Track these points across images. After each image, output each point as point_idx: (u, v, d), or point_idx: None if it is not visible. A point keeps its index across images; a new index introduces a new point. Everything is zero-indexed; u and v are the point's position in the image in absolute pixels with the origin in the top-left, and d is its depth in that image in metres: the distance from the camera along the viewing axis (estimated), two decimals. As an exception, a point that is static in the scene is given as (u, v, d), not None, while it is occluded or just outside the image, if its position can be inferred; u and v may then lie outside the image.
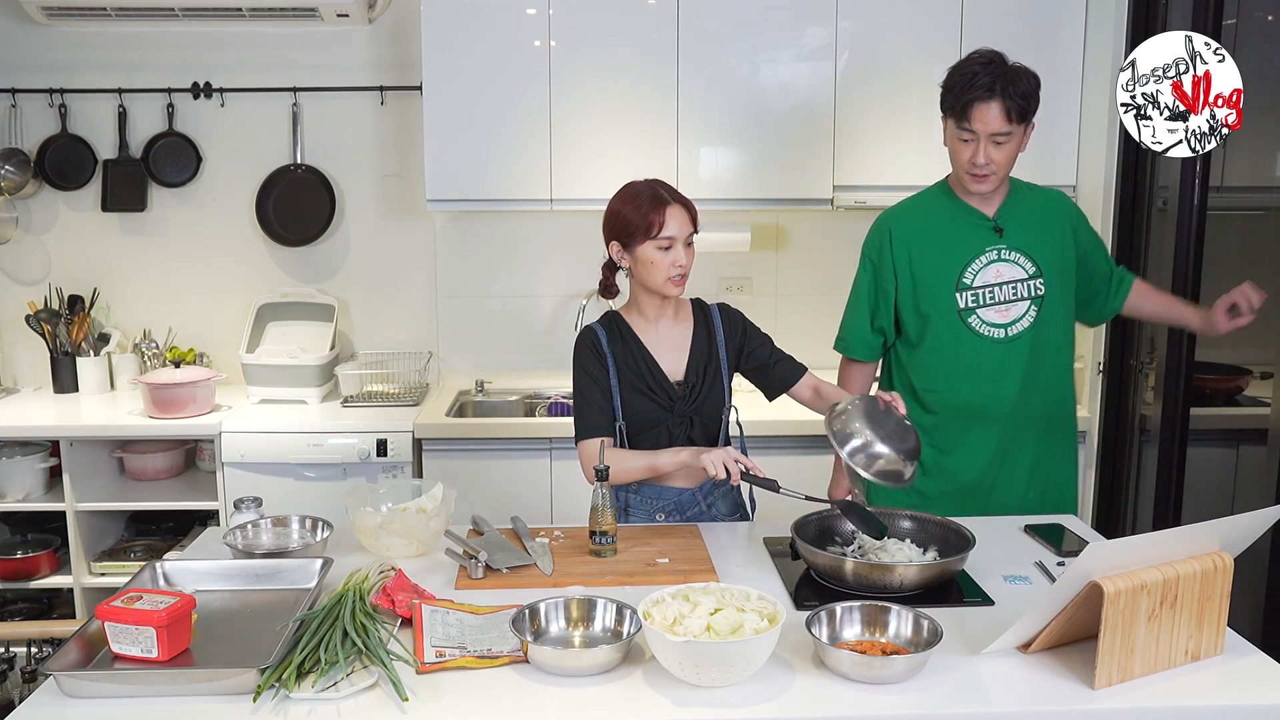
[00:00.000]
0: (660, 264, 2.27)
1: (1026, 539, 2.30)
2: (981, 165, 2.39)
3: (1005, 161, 2.40)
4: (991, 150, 2.38)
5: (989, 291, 2.48)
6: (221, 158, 3.86)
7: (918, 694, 1.62)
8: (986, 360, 2.51)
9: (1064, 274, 2.52)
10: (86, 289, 3.85)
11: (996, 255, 2.48)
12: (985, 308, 2.49)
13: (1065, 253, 2.53)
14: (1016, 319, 2.49)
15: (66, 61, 3.77)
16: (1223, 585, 1.72)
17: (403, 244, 3.93)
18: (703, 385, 2.38)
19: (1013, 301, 2.48)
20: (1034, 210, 2.53)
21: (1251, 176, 3.44)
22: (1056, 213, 2.55)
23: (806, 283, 3.96)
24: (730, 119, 3.53)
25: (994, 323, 2.50)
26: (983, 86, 2.33)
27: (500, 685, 1.65)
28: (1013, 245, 2.48)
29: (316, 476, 3.40)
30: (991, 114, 2.34)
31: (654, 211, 2.26)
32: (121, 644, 1.67)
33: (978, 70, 2.35)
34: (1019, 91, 2.34)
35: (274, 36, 3.78)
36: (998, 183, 2.44)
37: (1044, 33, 3.48)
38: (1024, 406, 2.53)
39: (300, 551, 2.13)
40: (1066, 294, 2.54)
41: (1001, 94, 2.33)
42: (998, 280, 2.48)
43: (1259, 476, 2.87)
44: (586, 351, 2.38)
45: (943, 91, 2.43)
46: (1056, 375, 2.57)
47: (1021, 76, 2.36)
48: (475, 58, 3.46)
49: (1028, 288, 2.48)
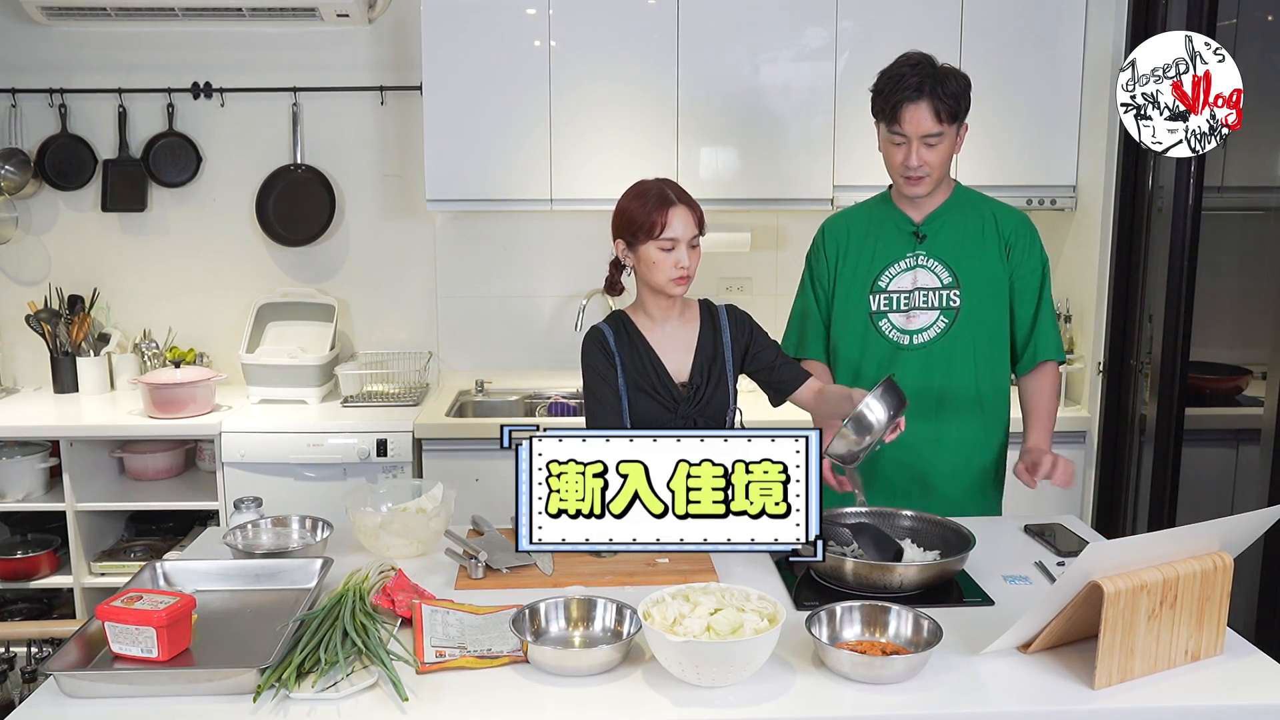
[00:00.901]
0: (662, 264, 2.27)
1: (1026, 539, 2.30)
2: (914, 168, 2.37)
3: (938, 163, 2.37)
4: (924, 152, 2.35)
5: (901, 297, 2.47)
6: (221, 158, 3.86)
7: (918, 694, 1.62)
8: (888, 365, 2.47)
9: (990, 290, 2.45)
10: (86, 289, 3.85)
11: (915, 261, 2.46)
12: (895, 313, 2.48)
13: (993, 270, 2.46)
14: (923, 328, 2.46)
15: (66, 61, 3.77)
16: (1223, 585, 1.72)
17: (403, 244, 3.93)
18: (707, 387, 2.38)
19: (921, 310, 2.46)
20: (969, 220, 2.47)
21: (1251, 177, 3.44)
22: (995, 229, 2.47)
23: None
24: (730, 119, 3.53)
25: (899, 328, 2.48)
26: (911, 87, 2.31)
27: (500, 685, 1.65)
28: (932, 253, 2.45)
29: (316, 476, 3.40)
30: (920, 115, 2.32)
31: (657, 211, 2.25)
32: (121, 644, 1.67)
33: (905, 72, 2.34)
34: (947, 92, 2.32)
35: (274, 36, 3.78)
36: (933, 185, 2.41)
37: (1044, 33, 3.48)
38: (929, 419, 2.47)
39: (300, 551, 2.13)
40: (992, 310, 2.46)
41: (930, 94, 2.31)
42: (912, 287, 2.46)
43: (1258, 476, 2.87)
44: (595, 351, 2.37)
45: (872, 95, 2.41)
46: (967, 393, 2.48)
47: (950, 77, 2.34)
48: (475, 58, 3.46)
49: (940, 297, 2.45)
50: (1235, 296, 3.59)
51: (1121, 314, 3.33)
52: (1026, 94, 3.51)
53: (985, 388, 2.50)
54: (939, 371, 2.47)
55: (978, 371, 2.48)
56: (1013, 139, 3.55)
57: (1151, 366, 3.15)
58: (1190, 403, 3.14)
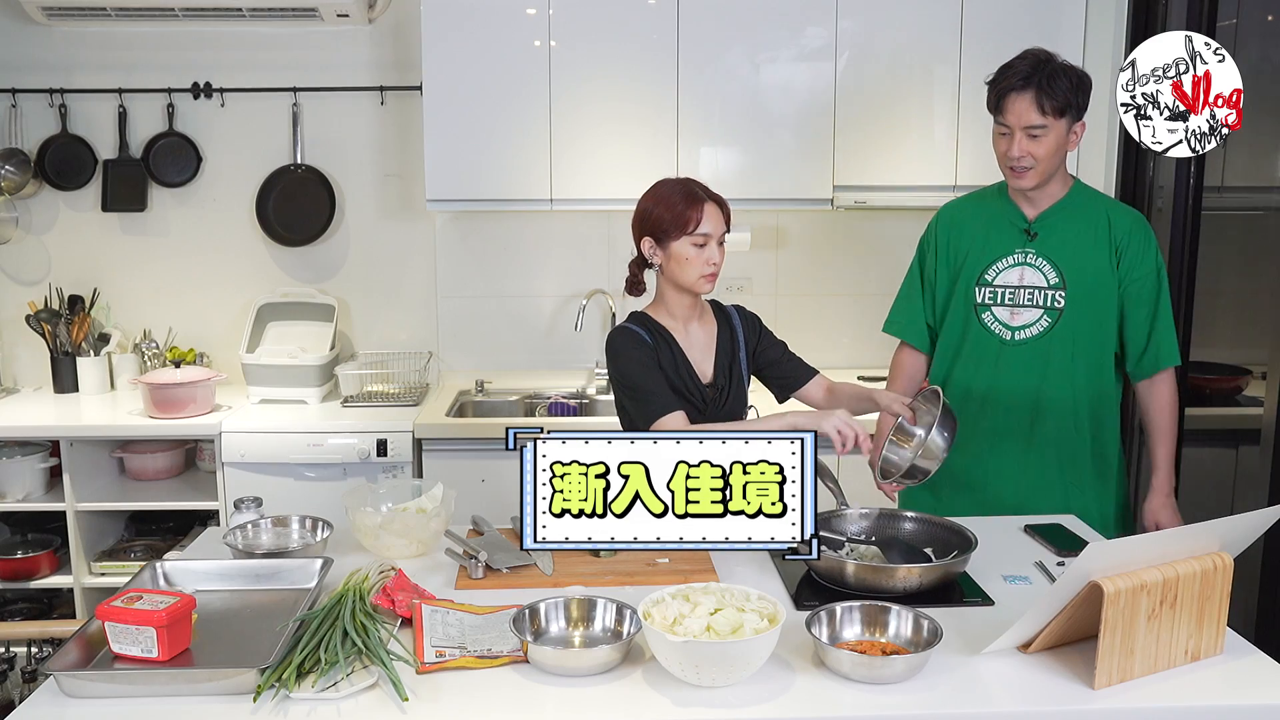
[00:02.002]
0: (695, 261, 2.27)
1: (1026, 539, 2.30)
2: (1016, 158, 2.36)
3: (1044, 156, 2.35)
4: (1026, 143, 2.34)
5: (1007, 292, 2.48)
6: (221, 158, 3.86)
7: (918, 694, 1.62)
8: (987, 358, 2.51)
9: (1097, 295, 2.44)
10: (86, 289, 3.85)
11: (1024, 259, 2.47)
12: (999, 306, 2.49)
13: (1101, 273, 2.44)
14: (1026, 324, 2.47)
15: (66, 61, 3.77)
16: (1223, 585, 1.72)
17: (403, 244, 3.93)
18: (730, 386, 2.40)
19: (1026, 307, 2.46)
20: (1082, 221, 2.45)
21: (1251, 177, 3.44)
22: (1109, 232, 2.44)
23: (806, 283, 3.96)
24: (730, 119, 3.53)
25: (1004, 323, 2.49)
26: (1018, 76, 2.33)
27: (500, 685, 1.65)
28: (1041, 252, 2.45)
29: (316, 476, 3.40)
30: (1024, 105, 2.32)
31: (691, 208, 2.26)
32: (121, 644, 1.67)
33: (1015, 64, 2.36)
34: (1056, 85, 2.31)
35: (274, 36, 3.78)
36: (1038, 178, 2.39)
37: (1044, 33, 3.47)
38: (1023, 416, 2.51)
39: (300, 551, 2.13)
40: (1097, 315, 2.45)
41: (1035, 86, 2.31)
42: (1019, 284, 2.47)
43: (1258, 476, 2.87)
44: (631, 344, 2.31)
45: (987, 89, 2.42)
46: (1068, 396, 2.48)
47: (1062, 73, 2.33)
48: (475, 57, 3.46)
49: (1045, 297, 2.45)
50: (1235, 296, 3.58)
51: (1122, 314, 3.32)
52: (1026, 94, 3.51)
53: (1082, 391, 2.49)
54: (1037, 371, 2.48)
55: (1074, 374, 2.48)
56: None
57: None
58: (1190, 403, 3.13)
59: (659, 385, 2.29)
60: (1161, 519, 2.52)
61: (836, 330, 3.93)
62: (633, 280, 2.43)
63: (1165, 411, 2.51)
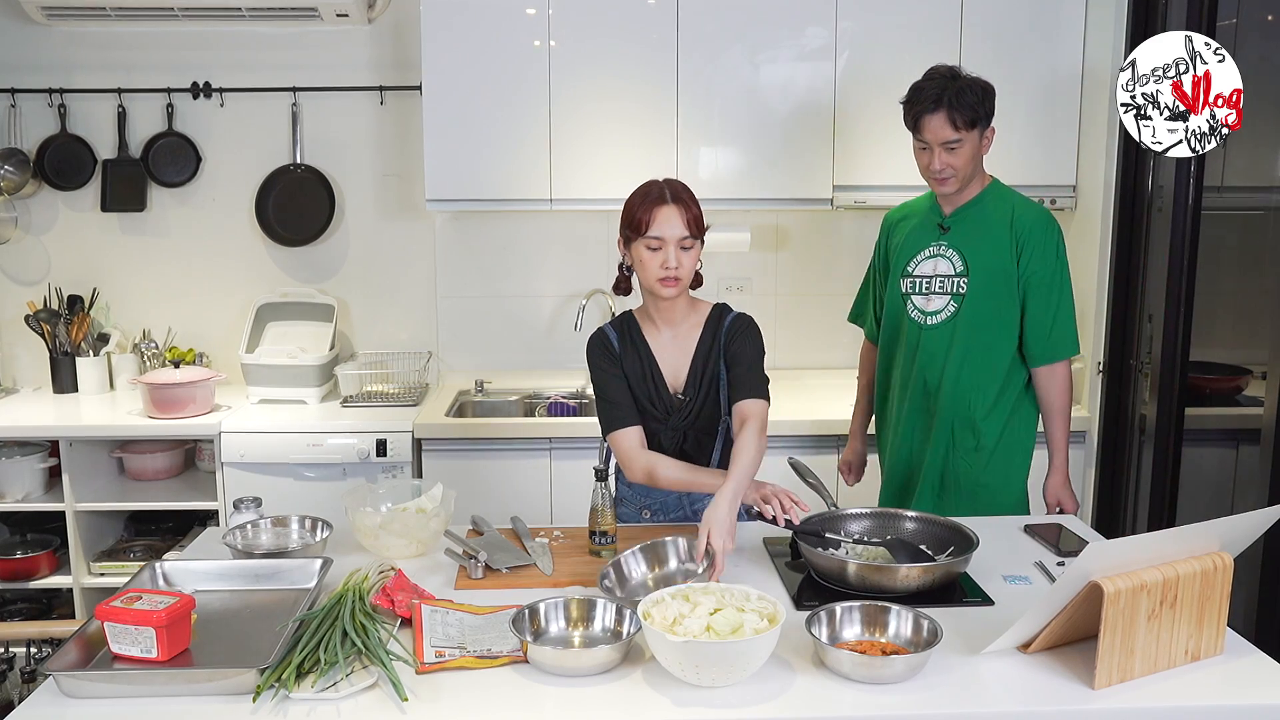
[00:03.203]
0: (649, 264, 2.25)
1: (1026, 539, 2.30)
2: (937, 170, 2.57)
3: (962, 165, 2.56)
4: (945, 156, 2.55)
5: (923, 281, 2.69)
6: (221, 158, 3.86)
7: (918, 694, 1.62)
8: (910, 342, 2.72)
9: (996, 281, 2.62)
10: (86, 289, 3.85)
11: (938, 250, 2.67)
12: (918, 295, 2.70)
13: (1001, 263, 2.62)
14: (937, 310, 2.66)
15: (66, 61, 3.76)
16: (1222, 585, 1.72)
17: (402, 244, 3.93)
18: (699, 398, 2.36)
19: (937, 294, 2.66)
20: (990, 215, 2.64)
21: (1251, 177, 3.44)
22: (1010, 226, 2.62)
23: (806, 283, 3.96)
24: (730, 119, 3.53)
25: (920, 309, 2.69)
26: (929, 99, 2.52)
27: (500, 685, 1.65)
28: (952, 244, 2.65)
29: (316, 476, 3.40)
30: (937, 123, 2.52)
31: (644, 209, 2.24)
32: (121, 644, 1.67)
33: (925, 85, 2.56)
34: (963, 101, 2.50)
35: (273, 36, 3.78)
36: (959, 184, 2.60)
37: (1044, 33, 3.48)
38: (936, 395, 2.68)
39: (300, 551, 2.13)
40: (997, 300, 2.62)
41: (946, 105, 2.50)
42: (933, 273, 2.67)
43: (1258, 476, 2.87)
44: (599, 353, 2.38)
45: (903, 108, 2.62)
46: (972, 376, 2.65)
47: (968, 88, 2.53)
48: (475, 57, 3.46)
49: (952, 284, 2.64)
50: (1235, 296, 3.58)
51: (1121, 314, 3.33)
52: (1027, 94, 3.51)
53: (983, 371, 2.66)
54: (945, 351, 2.66)
55: (977, 353, 2.65)
56: (1013, 138, 3.54)
57: (1151, 366, 3.15)
58: (1190, 403, 3.14)
59: (621, 396, 2.34)
60: (1061, 497, 2.73)
61: (836, 330, 3.92)
62: (617, 280, 2.42)
63: (1061, 396, 2.68)
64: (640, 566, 2.02)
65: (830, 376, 3.87)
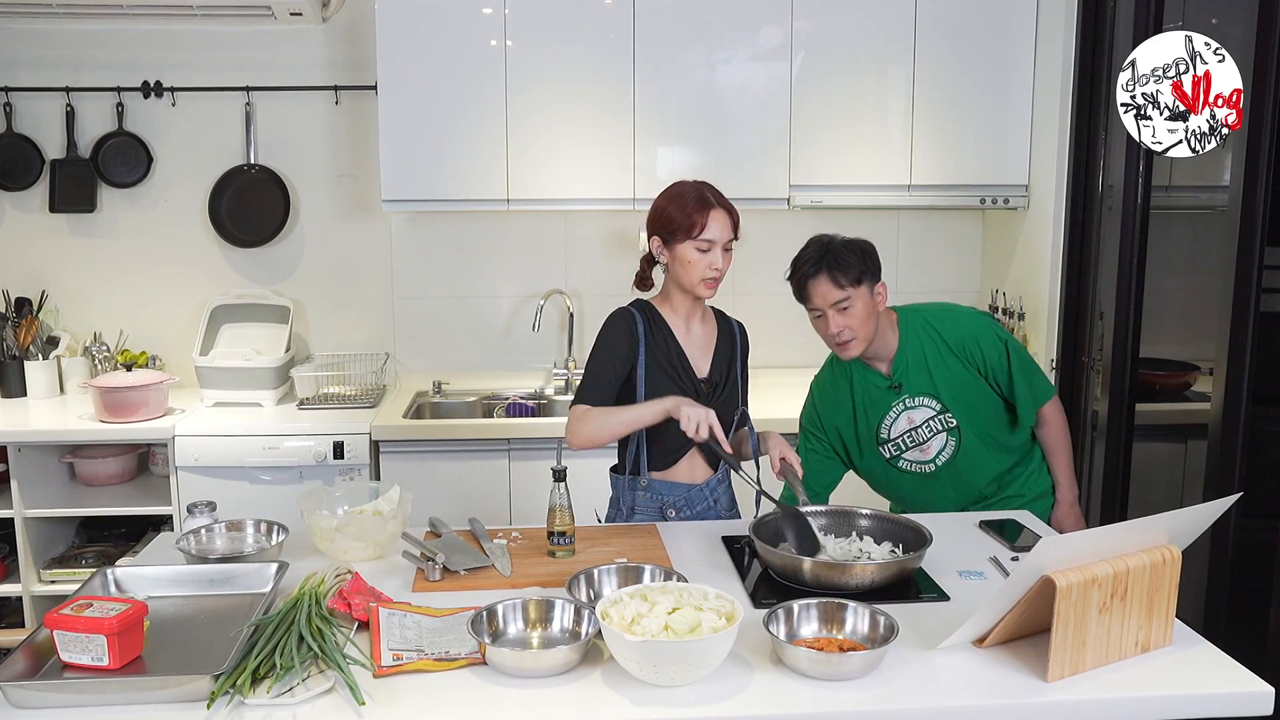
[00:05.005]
0: (697, 265, 2.32)
1: (981, 534, 2.33)
2: (836, 334, 2.48)
3: (859, 324, 2.47)
4: (840, 319, 2.45)
5: (906, 438, 2.59)
6: (173, 158, 3.81)
7: (875, 689, 1.63)
8: (918, 488, 2.65)
9: (970, 397, 2.57)
10: (34, 291, 3.78)
11: (904, 406, 2.57)
12: (908, 451, 2.60)
13: (966, 381, 2.57)
14: (939, 451, 2.58)
15: (12, 59, 3.70)
16: (1171, 577, 1.75)
17: (358, 245, 3.90)
18: (725, 386, 2.45)
19: (929, 440, 2.58)
20: (926, 352, 2.57)
21: (1198, 176, 3.50)
22: (949, 350, 2.56)
23: (763, 282, 3.96)
24: (686, 119, 3.54)
25: (919, 460, 2.61)
26: (809, 263, 2.46)
27: (458, 688, 1.64)
28: (914, 393, 2.56)
29: (272, 480, 3.36)
30: (823, 287, 2.44)
31: (698, 212, 2.30)
32: (71, 652, 1.64)
33: (803, 254, 2.50)
34: (842, 261, 2.43)
35: (226, 35, 3.73)
36: (863, 345, 2.50)
37: (996, 33, 3.52)
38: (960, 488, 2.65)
39: (255, 556, 2.11)
40: (981, 411, 2.59)
41: (826, 267, 2.43)
42: (910, 427, 2.58)
43: (1205, 470, 2.92)
44: (620, 329, 2.39)
45: (790, 284, 2.54)
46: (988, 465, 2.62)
47: (846, 248, 2.46)
48: (431, 57, 3.44)
49: (940, 422, 2.57)
50: (1183, 293, 3.64)
51: (1073, 311, 3.37)
52: (979, 94, 3.56)
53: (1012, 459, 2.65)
54: (971, 473, 2.61)
55: (1000, 455, 2.62)
56: (966, 138, 3.59)
57: (1103, 363, 3.20)
58: (1140, 398, 3.19)
59: (612, 378, 2.36)
60: (1066, 525, 2.67)
61: (795, 330, 3.93)
62: (641, 276, 2.48)
63: (1059, 437, 2.68)
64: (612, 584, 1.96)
65: (786, 375, 3.89)
